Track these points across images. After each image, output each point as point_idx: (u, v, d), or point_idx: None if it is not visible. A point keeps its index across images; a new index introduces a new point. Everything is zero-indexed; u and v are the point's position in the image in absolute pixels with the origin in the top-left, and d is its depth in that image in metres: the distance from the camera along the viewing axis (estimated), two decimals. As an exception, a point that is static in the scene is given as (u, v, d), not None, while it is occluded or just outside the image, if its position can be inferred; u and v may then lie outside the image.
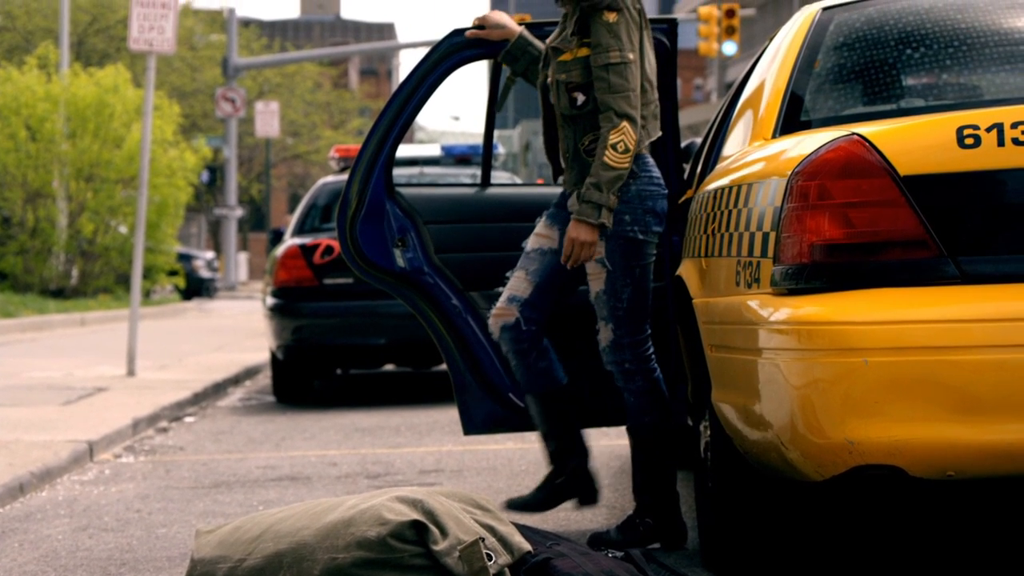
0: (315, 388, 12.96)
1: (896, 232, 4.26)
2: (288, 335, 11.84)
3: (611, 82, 5.47)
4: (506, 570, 4.63)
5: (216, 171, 48.15)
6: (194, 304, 33.10)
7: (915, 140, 4.35)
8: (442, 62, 6.08)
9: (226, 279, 43.90)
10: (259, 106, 44.71)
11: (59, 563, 5.88)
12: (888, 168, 4.27)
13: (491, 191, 6.43)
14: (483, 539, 4.61)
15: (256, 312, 25.05)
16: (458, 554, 4.53)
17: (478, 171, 11.84)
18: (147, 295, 28.84)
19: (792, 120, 4.94)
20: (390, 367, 14.89)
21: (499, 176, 12.53)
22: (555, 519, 6.39)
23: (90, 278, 27.79)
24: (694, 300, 5.24)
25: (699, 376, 5.36)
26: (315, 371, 12.64)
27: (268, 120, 44.01)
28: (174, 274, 29.53)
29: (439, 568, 4.52)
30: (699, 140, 6.66)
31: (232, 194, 43.23)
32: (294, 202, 59.30)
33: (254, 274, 57.25)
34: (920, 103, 4.82)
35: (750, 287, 4.57)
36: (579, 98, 5.58)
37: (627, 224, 5.55)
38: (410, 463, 8.47)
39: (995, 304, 4.17)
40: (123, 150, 26.77)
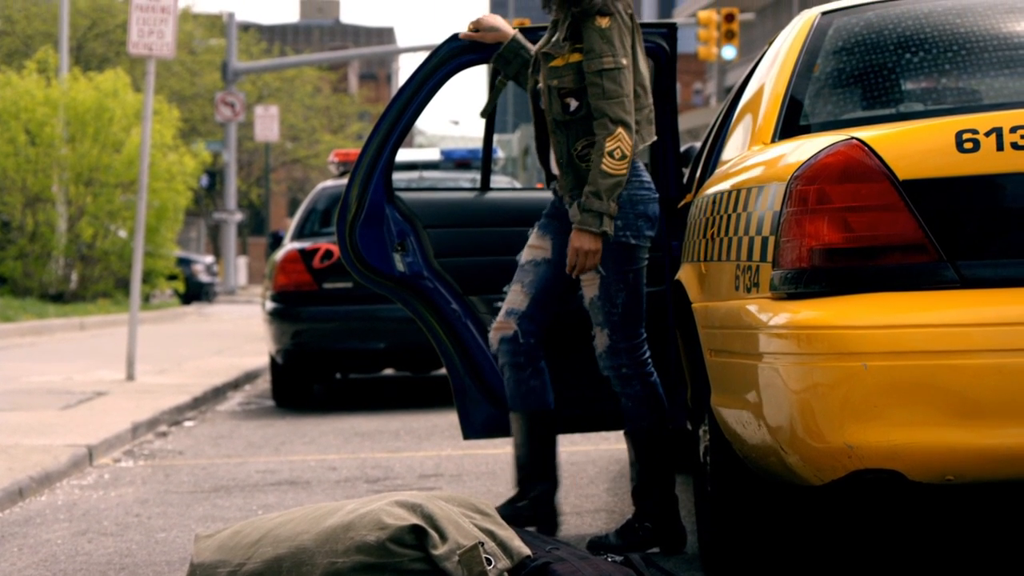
0: (314, 392, 12.96)
1: (895, 236, 4.26)
2: (287, 339, 11.84)
3: (605, 88, 5.46)
4: (505, 574, 4.63)
5: (215, 175, 48.20)
6: (193, 308, 33.12)
7: (914, 144, 4.35)
8: (441, 66, 6.08)
9: (225, 283, 43.92)
10: (258, 110, 44.74)
11: (58, 568, 5.88)
12: (887, 172, 4.27)
13: (490, 195, 6.43)
14: (482, 544, 4.61)
15: (255, 316, 25.05)
16: (457, 558, 4.53)
17: (477, 175, 11.86)
18: (146, 299, 28.85)
19: (791, 124, 4.94)
20: (389, 371, 14.88)
21: (498, 180, 12.54)
22: (554, 523, 6.39)
23: (89, 282, 27.81)
24: (693, 304, 5.24)
25: (698, 380, 5.36)
26: (314, 375, 12.64)
27: (267, 124, 44.05)
28: (173, 278, 29.55)
29: (438, 572, 4.52)
30: (698, 144, 6.66)
31: (231, 198, 43.25)
32: (293, 206, 59.31)
33: (253, 278, 57.27)
34: (919, 107, 4.82)
35: (749, 291, 4.57)
36: (572, 104, 5.58)
37: (619, 229, 5.55)
38: (409, 467, 8.46)
39: (994, 308, 4.17)
40: (122, 154, 26.79)
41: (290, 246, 12.23)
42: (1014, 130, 4.25)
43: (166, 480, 8.26)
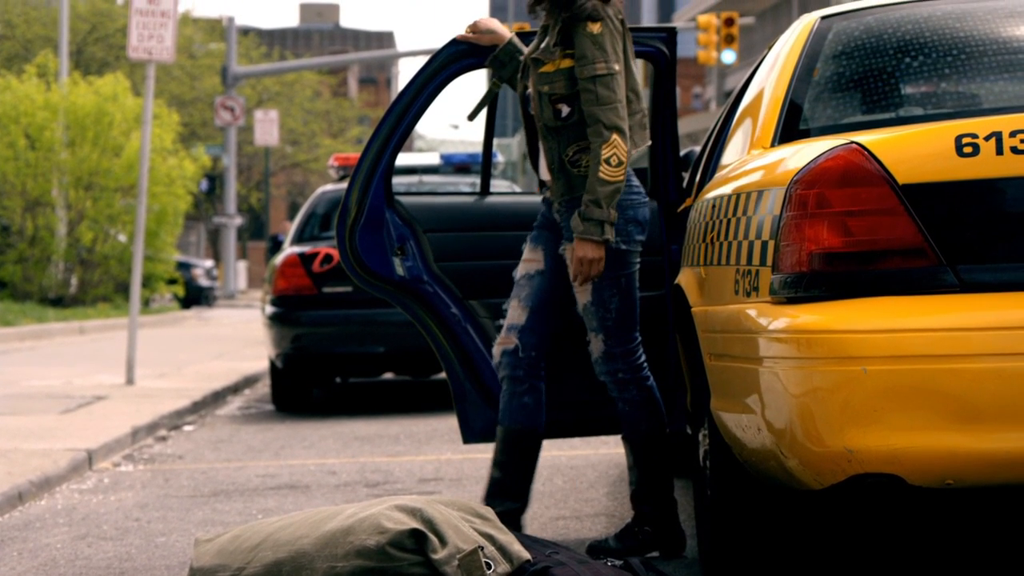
0: (314, 397, 12.96)
1: (895, 241, 4.26)
2: (287, 343, 11.84)
3: (599, 94, 5.46)
4: (505, 579, 4.63)
5: (215, 180, 48.21)
6: (193, 313, 33.11)
7: (914, 149, 4.36)
8: (441, 71, 6.08)
9: (225, 287, 43.93)
10: (258, 114, 44.75)
11: (58, 572, 5.88)
12: (887, 177, 4.28)
13: (490, 199, 6.43)
14: (482, 548, 4.61)
15: (255, 320, 25.05)
16: (457, 563, 4.53)
17: (477, 179, 11.85)
18: (146, 304, 28.85)
19: (791, 129, 4.94)
20: (389, 376, 14.88)
21: (498, 185, 12.54)
22: (554, 528, 6.38)
23: (89, 286, 27.81)
24: (693, 309, 5.24)
25: (698, 385, 5.36)
26: (314, 379, 12.64)
27: (267, 128, 44.05)
28: (173, 283, 29.55)
29: (438, 577, 4.52)
30: (698, 149, 6.66)
31: (231, 203, 43.25)
32: (293, 210, 59.34)
33: (253, 282, 57.28)
34: (919, 112, 4.82)
35: (749, 296, 4.57)
36: (564, 110, 5.57)
37: None
38: (409, 472, 8.46)
39: (994, 313, 4.17)
40: (122, 159, 26.79)
41: (290, 250, 12.23)
42: (1014, 134, 4.25)
43: (166, 484, 8.26)
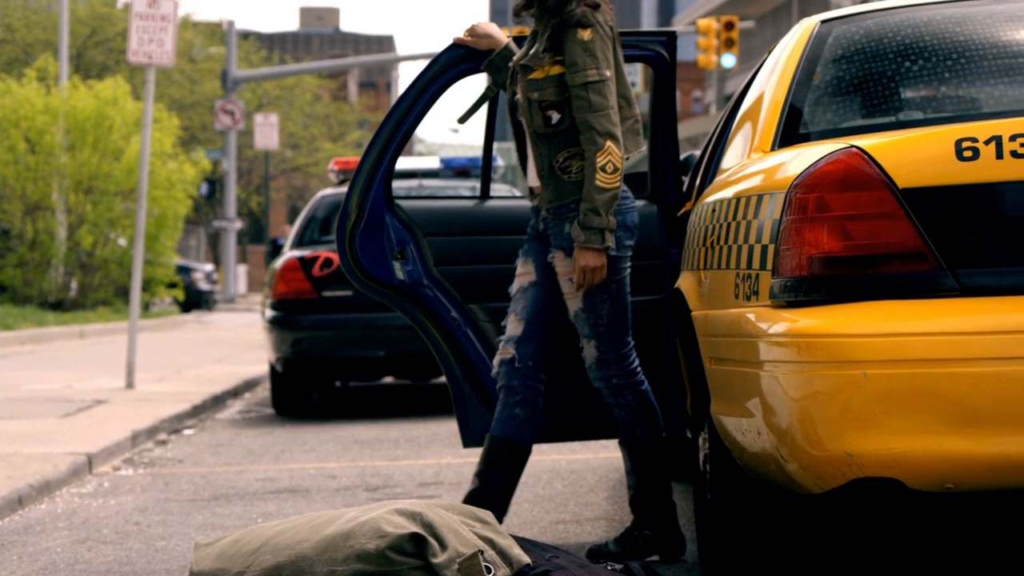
0: (314, 400, 12.95)
1: (895, 244, 4.26)
2: (287, 347, 11.84)
3: (591, 101, 5.46)
4: (505, 583, 4.63)
5: (215, 183, 48.17)
6: (193, 316, 33.11)
7: (914, 152, 4.36)
8: (441, 75, 6.08)
9: (225, 291, 43.91)
10: (258, 118, 44.75)
11: (58, 576, 5.89)
12: (887, 180, 4.28)
13: (490, 203, 6.43)
14: (482, 552, 4.61)
15: (255, 324, 25.04)
16: (457, 567, 4.53)
17: (477, 183, 11.85)
18: (146, 307, 28.84)
19: (791, 132, 4.94)
20: (389, 379, 14.88)
21: (498, 188, 12.54)
22: (554, 532, 6.38)
23: (89, 290, 27.80)
24: (693, 312, 5.24)
25: (698, 388, 5.36)
26: (314, 383, 12.64)
27: (267, 132, 44.05)
28: (173, 286, 29.53)
29: (438, 581, 4.52)
30: (698, 153, 6.66)
31: (231, 206, 43.25)
32: (293, 214, 59.34)
33: (253, 286, 57.26)
34: (919, 115, 4.83)
35: (749, 299, 4.57)
36: (554, 116, 5.56)
37: None
38: (409, 475, 8.46)
39: (994, 316, 4.17)
40: (122, 162, 26.78)
41: (290, 254, 12.23)
42: (1013, 138, 4.25)
43: (166, 488, 8.26)
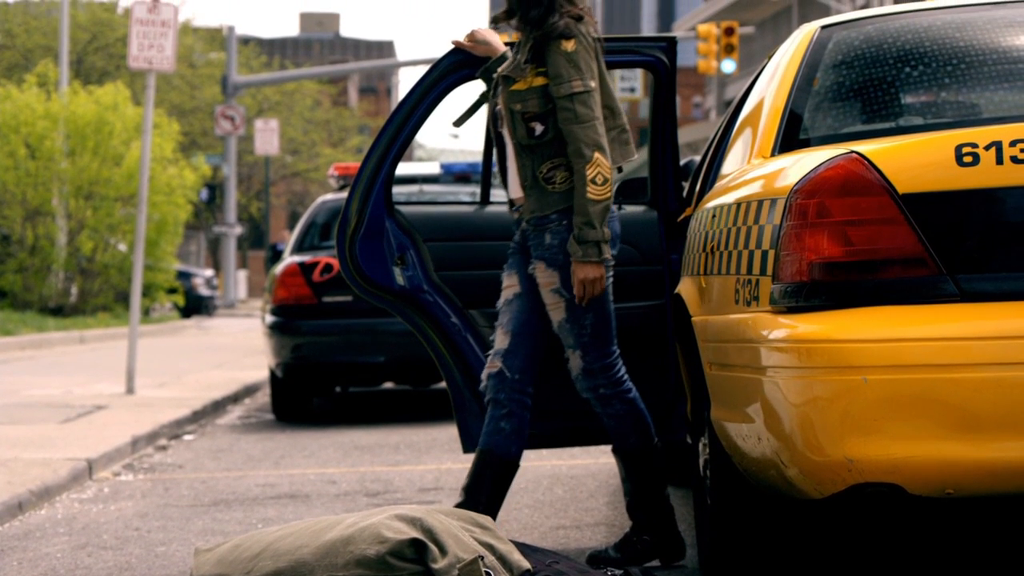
0: (314, 406, 12.95)
1: (895, 250, 4.27)
2: (287, 353, 11.84)
3: (577, 112, 5.45)
4: (505, 588, 4.63)
5: (215, 189, 48.22)
6: (193, 322, 33.12)
7: (914, 158, 4.36)
8: (442, 80, 6.08)
9: (225, 297, 43.92)
10: (258, 124, 44.76)
11: (58, 581, 5.88)
12: (887, 186, 4.28)
13: (490, 209, 6.44)
14: (482, 557, 4.61)
15: (255, 330, 25.05)
16: (457, 572, 4.53)
17: (477, 189, 11.85)
18: (146, 313, 28.86)
19: (791, 138, 4.94)
20: (389, 385, 14.88)
21: (498, 194, 12.52)
22: (554, 537, 6.38)
23: (89, 296, 27.81)
24: (693, 318, 5.24)
25: (698, 394, 5.36)
26: (314, 389, 12.63)
27: (267, 138, 44.06)
28: (173, 292, 29.55)
29: (438, 586, 4.52)
30: (698, 158, 6.66)
31: (231, 212, 43.26)
32: (293, 220, 59.33)
33: (253, 292, 57.24)
34: (919, 121, 4.83)
35: (749, 305, 4.57)
36: (537, 128, 5.55)
37: None
38: (409, 481, 8.46)
39: (994, 322, 4.17)
40: (122, 168, 26.81)
41: (290, 260, 12.23)
42: (1013, 144, 4.25)
43: (166, 494, 8.26)
